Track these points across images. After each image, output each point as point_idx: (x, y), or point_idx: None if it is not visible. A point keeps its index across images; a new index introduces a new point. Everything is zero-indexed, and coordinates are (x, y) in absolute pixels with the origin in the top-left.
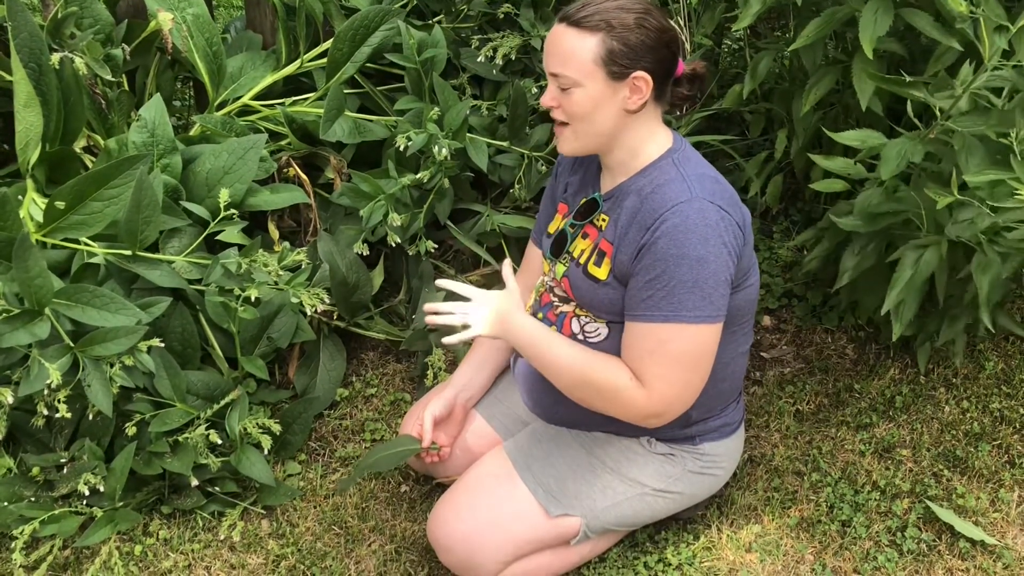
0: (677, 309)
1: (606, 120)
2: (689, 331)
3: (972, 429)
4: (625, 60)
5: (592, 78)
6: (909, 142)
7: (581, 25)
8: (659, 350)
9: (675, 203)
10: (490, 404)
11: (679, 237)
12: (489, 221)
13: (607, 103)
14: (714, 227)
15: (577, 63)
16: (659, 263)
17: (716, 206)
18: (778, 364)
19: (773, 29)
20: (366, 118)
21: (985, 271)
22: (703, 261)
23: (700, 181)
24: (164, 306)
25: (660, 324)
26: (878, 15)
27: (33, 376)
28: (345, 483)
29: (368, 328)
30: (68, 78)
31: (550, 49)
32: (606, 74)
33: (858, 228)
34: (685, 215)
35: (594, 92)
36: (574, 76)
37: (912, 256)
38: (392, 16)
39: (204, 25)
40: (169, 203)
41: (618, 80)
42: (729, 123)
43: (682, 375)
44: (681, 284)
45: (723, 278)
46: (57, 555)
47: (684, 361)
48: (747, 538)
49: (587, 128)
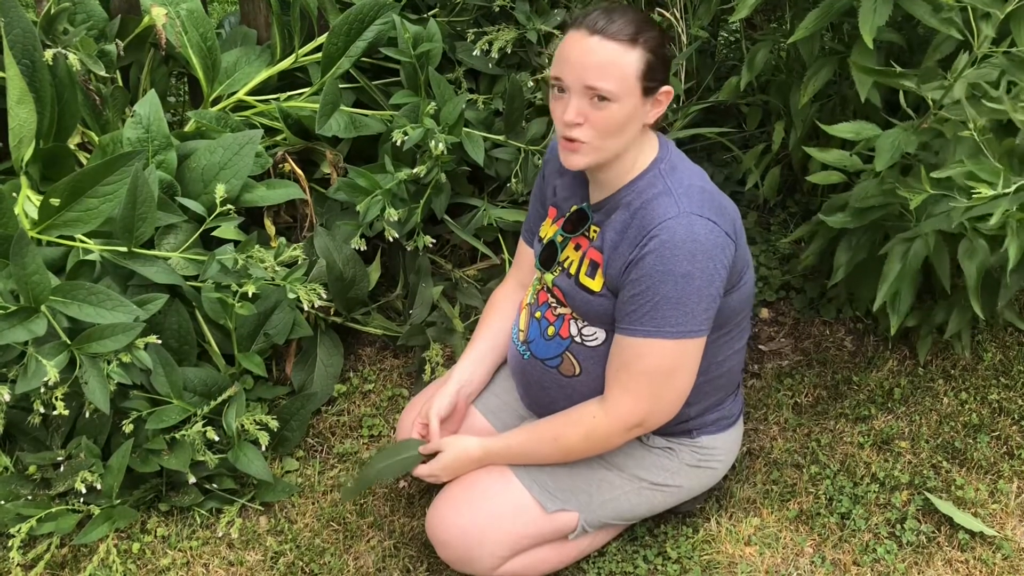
0: (660, 325)
1: (629, 136)
2: (668, 346)
3: (971, 420)
4: (659, 75)
5: (631, 94)
6: (903, 133)
7: (619, 38)
8: (634, 363)
9: (663, 219)
10: (486, 398)
11: (666, 254)
12: (486, 215)
13: (636, 119)
14: (702, 243)
15: (620, 77)
16: (645, 279)
17: (704, 219)
18: (776, 357)
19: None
20: (362, 113)
21: (972, 257)
22: (689, 277)
23: (688, 194)
24: (161, 303)
25: (642, 339)
26: (878, 4)
27: (30, 374)
28: (349, 493)
29: (365, 323)
30: (62, 74)
31: (586, 61)
32: (641, 90)
33: (847, 224)
34: (673, 231)
35: (629, 108)
36: (616, 90)
37: (900, 248)
38: (387, 10)
39: (198, 20)
40: (165, 199)
41: (648, 96)
42: (726, 115)
43: (652, 388)
44: (665, 300)
45: (709, 293)
46: (55, 553)
47: (658, 374)
48: (746, 531)
49: (611, 144)
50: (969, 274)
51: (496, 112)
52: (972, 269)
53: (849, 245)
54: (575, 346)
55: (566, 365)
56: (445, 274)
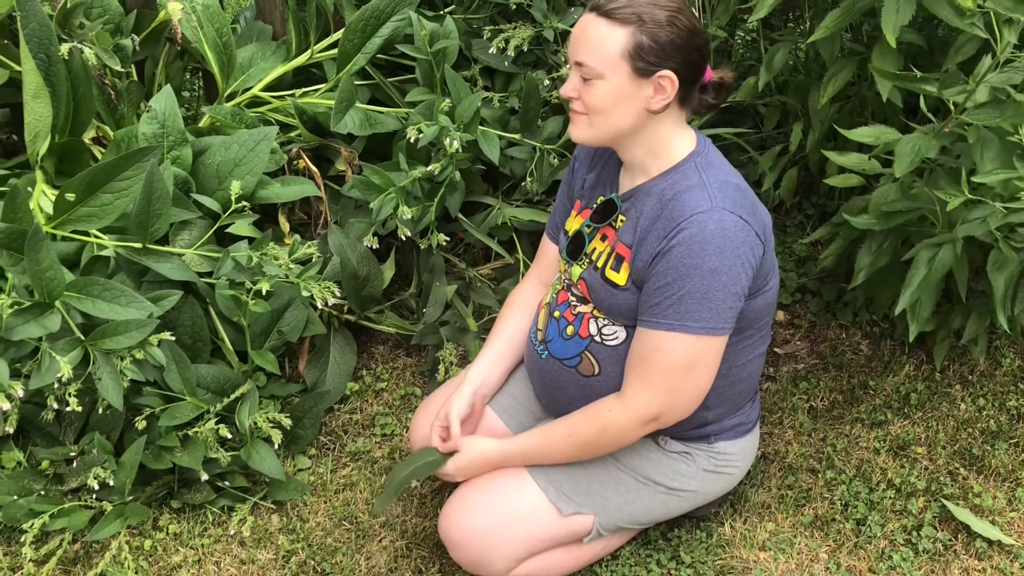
0: (683, 319)
1: (625, 117)
2: (690, 341)
3: (989, 427)
4: (652, 57)
5: (616, 71)
6: (923, 137)
7: (611, 16)
8: (654, 356)
9: (694, 212)
10: (501, 399)
11: (695, 247)
12: (500, 214)
13: (629, 99)
14: (732, 239)
15: (603, 54)
16: (671, 271)
17: (736, 216)
18: (792, 360)
19: (787, 20)
20: (377, 110)
21: (1001, 269)
22: (716, 273)
23: (722, 189)
24: (175, 299)
25: (664, 332)
26: (901, 4)
27: (44, 369)
28: (381, 503)
29: (378, 322)
30: (77, 69)
31: (576, 37)
32: (631, 69)
33: (872, 226)
34: (703, 225)
35: (616, 86)
36: (598, 67)
37: (927, 254)
38: (404, 6)
39: (214, 15)
40: (179, 195)
41: (643, 77)
42: (743, 116)
43: (671, 382)
44: (690, 294)
45: (734, 291)
46: (67, 549)
47: (678, 369)
48: (761, 536)
49: (604, 122)
50: (996, 285)
51: (512, 110)
52: (1000, 281)
53: (871, 248)
54: (595, 345)
55: (585, 365)
56: (459, 273)
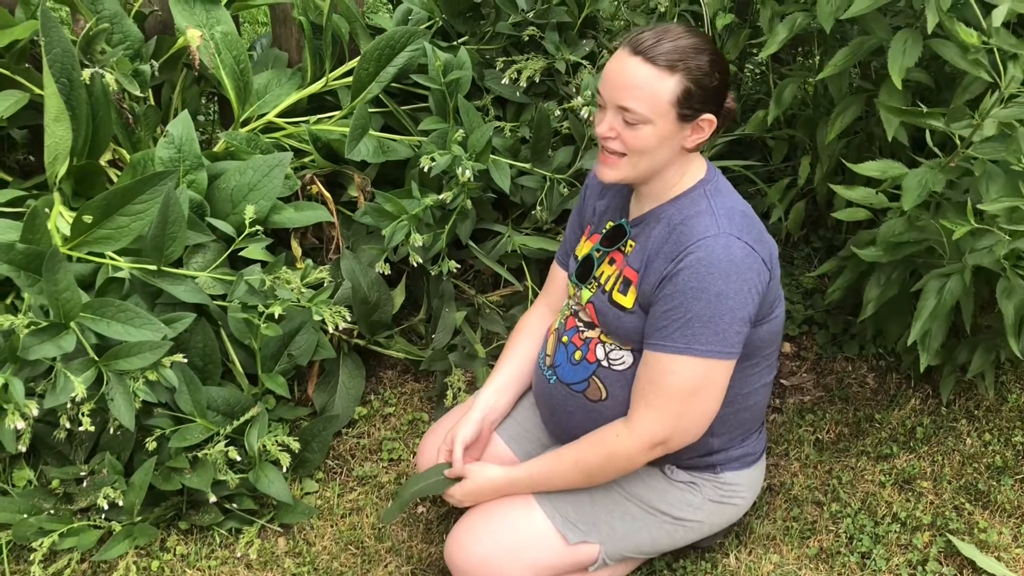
0: (690, 342)
1: (664, 156)
2: (697, 364)
3: (995, 462)
4: (698, 104)
5: (664, 118)
6: (930, 171)
7: (657, 63)
8: (661, 380)
9: (702, 237)
10: (508, 426)
11: (701, 271)
12: (510, 242)
13: (669, 141)
14: (738, 264)
15: (653, 102)
16: (678, 294)
17: (743, 242)
18: (798, 392)
19: (796, 56)
20: (390, 138)
21: (1010, 296)
22: (722, 296)
23: (729, 216)
24: (188, 322)
25: (671, 355)
26: (907, 45)
27: (58, 389)
28: (389, 515)
29: (388, 347)
30: (97, 93)
31: (619, 81)
32: (676, 115)
33: (880, 259)
34: (710, 249)
35: (663, 131)
36: (648, 114)
37: (936, 285)
38: (418, 37)
39: (232, 42)
40: (194, 219)
41: (686, 121)
42: (751, 148)
43: (678, 406)
44: (697, 318)
45: (740, 316)
46: (75, 568)
47: (685, 392)
48: (765, 568)
49: (644, 163)
50: (1007, 313)
51: (523, 140)
52: (1010, 308)
53: (879, 280)
54: (602, 370)
55: (592, 389)
56: (468, 299)
